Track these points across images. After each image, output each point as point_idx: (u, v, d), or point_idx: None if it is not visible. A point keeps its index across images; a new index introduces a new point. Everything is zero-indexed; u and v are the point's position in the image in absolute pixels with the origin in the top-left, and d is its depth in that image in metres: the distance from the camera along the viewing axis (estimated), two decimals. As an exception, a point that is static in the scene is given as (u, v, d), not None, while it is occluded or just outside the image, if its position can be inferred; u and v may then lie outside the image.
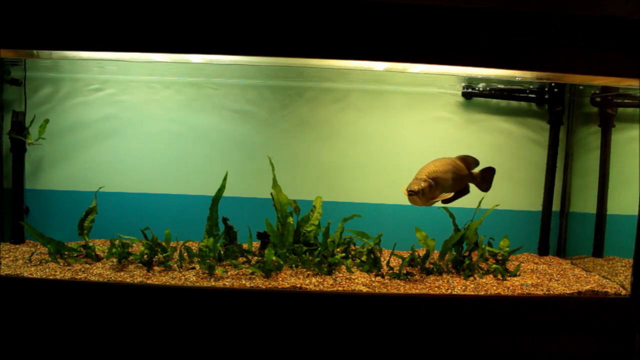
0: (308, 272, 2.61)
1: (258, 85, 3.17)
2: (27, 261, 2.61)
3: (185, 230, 2.96)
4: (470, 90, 3.17)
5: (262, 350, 2.32)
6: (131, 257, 2.67)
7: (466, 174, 2.73)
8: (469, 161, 2.74)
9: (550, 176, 3.21)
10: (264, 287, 2.37)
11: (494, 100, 3.24)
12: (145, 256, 2.63)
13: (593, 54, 2.32)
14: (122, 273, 2.49)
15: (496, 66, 2.36)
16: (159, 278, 2.44)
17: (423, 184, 2.50)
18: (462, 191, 2.75)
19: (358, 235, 2.85)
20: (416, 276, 2.62)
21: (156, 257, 2.72)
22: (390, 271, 2.62)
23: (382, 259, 2.75)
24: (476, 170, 2.77)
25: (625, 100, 3.04)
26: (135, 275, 2.47)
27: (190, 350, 2.34)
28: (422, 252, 2.96)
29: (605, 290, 2.47)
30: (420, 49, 2.28)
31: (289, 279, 2.48)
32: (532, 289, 2.47)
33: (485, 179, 2.79)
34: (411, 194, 2.48)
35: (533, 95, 3.19)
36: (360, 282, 2.47)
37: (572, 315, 2.37)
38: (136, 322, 2.32)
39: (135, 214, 3.13)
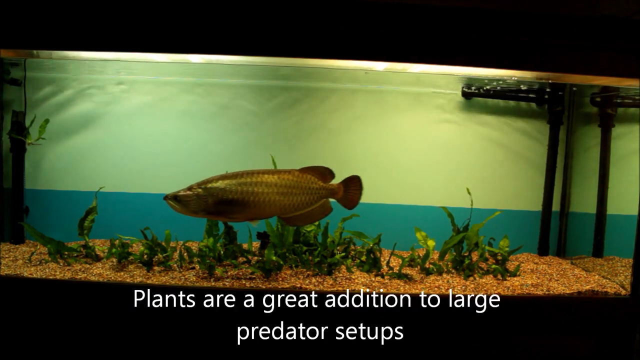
0: (308, 272, 2.61)
1: (258, 86, 3.17)
2: (27, 261, 2.61)
3: (185, 230, 2.96)
4: (470, 90, 3.17)
5: (261, 349, 2.32)
6: (131, 257, 2.67)
7: (315, 188, 2.35)
8: (321, 172, 2.38)
9: (550, 176, 3.21)
10: (264, 287, 2.37)
11: (494, 100, 3.24)
12: (145, 256, 2.63)
13: (593, 54, 2.31)
14: (122, 273, 2.49)
15: (496, 66, 2.36)
16: (158, 278, 2.44)
17: (182, 192, 2.27)
18: (323, 209, 2.40)
19: (355, 235, 2.85)
20: (416, 276, 2.62)
21: (156, 257, 2.72)
22: (390, 271, 2.62)
23: (382, 259, 2.75)
24: (335, 182, 2.43)
25: (625, 101, 3.04)
26: (135, 275, 2.47)
27: (189, 350, 2.34)
28: (422, 252, 2.96)
29: (605, 290, 2.47)
30: (420, 48, 2.28)
31: (289, 279, 2.48)
32: (532, 289, 2.47)
33: (350, 192, 2.42)
34: (165, 197, 2.27)
35: (533, 95, 3.19)
36: (360, 282, 2.47)
37: (572, 315, 2.37)
38: (135, 322, 2.32)
39: (135, 214, 3.13)
